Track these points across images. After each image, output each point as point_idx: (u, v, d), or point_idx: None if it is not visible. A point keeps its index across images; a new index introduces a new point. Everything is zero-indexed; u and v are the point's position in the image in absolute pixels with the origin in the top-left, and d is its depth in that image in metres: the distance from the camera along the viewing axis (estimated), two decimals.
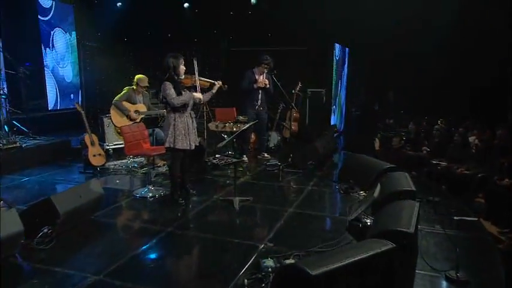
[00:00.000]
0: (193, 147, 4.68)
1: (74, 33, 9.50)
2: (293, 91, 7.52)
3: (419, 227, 3.71)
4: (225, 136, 5.62)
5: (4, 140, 5.91)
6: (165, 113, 6.19)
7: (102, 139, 6.96)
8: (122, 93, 6.19)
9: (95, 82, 9.75)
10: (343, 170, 5.93)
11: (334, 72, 8.98)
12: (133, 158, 6.43)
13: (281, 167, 5.94)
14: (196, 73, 4.71)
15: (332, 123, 8.68)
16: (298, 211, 4.55)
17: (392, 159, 6.02)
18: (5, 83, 7.64)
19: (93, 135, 6.03)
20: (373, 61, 9.87)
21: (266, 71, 6.61)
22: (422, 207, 4.37)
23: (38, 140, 6.78)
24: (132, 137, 5.05)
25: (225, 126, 5.96)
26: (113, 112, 6.14)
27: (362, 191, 5.09)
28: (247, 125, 4.72)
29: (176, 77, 4.52)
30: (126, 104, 6.16)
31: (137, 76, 6.28)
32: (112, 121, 6.12)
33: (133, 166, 6.29)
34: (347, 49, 10.09)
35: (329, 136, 7.51)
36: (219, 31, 10.26)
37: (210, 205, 4.77)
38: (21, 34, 8.19)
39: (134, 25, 10.00)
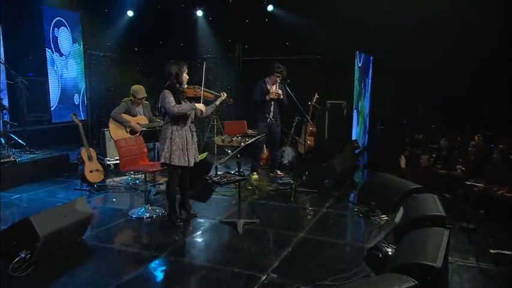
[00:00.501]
0: (192, 164, 4.47)
1: (80, 42, 9.56)
2: (309, 103, 7.26)
3: (450, 258, 3.35)
4: (229, 151, 5.38)
5: None
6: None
7: (103, 153, 6.84)
8: (120, 106, 6.07)
9: (102, 93, 9.73)
10: (363, 190, 5.59)
11: (356, 83, 8.69)
12: (134, 174, 6.25)
13: (293, 186, 5.65)
14: (203, 83, 4.51)
15: (353, 138, 8.34)
16: (309, 236, 4.24)
17: (421, 179, 5.65)
18: (4, 94, 7.69)
19: (91, 150, 5.89)
20: (401, 70, 9.51)
21: (279, 81, 6.39)
22: (454, 235, 4.01)
23: (36, 154, 6.70)
24: (129, 151, 4.87)
25: (232, 140, 5.74)
26: (112, 125, 6.00)
27: (384, 214, 4.74)
28: (251, 140, 4.47)
29: (178, 86, 4.35)
30: (125, 117, 6.02)
31: (133, 87, 6.15)
32: (111, 135, 5.98)
33: (135, 183, 6.11)
34: (371, 57, 9.78)
35: (349, 152, 7.18)
36: (234, 40, 10.14)
37: (211, 228, 4.51)
38: (24, 43, 8.26)
39: (145, 34, 10.01)
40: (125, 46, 10.22)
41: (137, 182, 6.12)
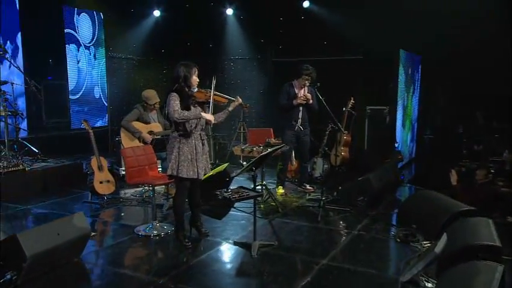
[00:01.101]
0: (202, 177, 4.27)
1: (103, 44, 9.69)
2: (344, 109, 6.89)
3: None
4: (244, 163, 5.11)
5: (5, 162, 5.87)
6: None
7: (119, 163, 6.79)
8: (131, 113, 5.99)
9: (124, 98, 9.77)
10: (403, 210, 5.17)
11: (401, 86, 8.22)
12: (148, 186, 6.13)
13: (322, 203, 5.31)
14: (213, 87, 4.32)
15: (397, 148, 7.87)
16: (334, 264, 3.90)
17: (475, 199, 5.17)
18: (22, 100, 7.85)
19: (101, 159, 5.82)
20: (456, 71, 8.92)
21: (308, 84, 6.09)
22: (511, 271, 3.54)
23: (48, 162, 6.74)
24: (136, 161, 4.74)
25: (252, 150, 5.48)
26: (123, 134, 5.93)
27: (426, 240, 4.32)
28: (267, 151, 4.17)
29: (187, 89, 4.18)
30: (137, 125, 5.93)
31: (143, 92, 6.08)
32: (122, 144, 5.89)
33: (149, 195, 5.97)
34: (419, 57, 9.26)
35: (390, 165, 6.74)
36: (266, 40, 9.90)
37: (222, 250, 4.27)
38: (44, 46, 8.40)
39: (172, 35, 9.97)
40: (151, 48, 10.25)
41: (151, 194, 5.97)
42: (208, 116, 4.22)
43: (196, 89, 4.27)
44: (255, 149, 5.45)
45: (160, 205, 5.52)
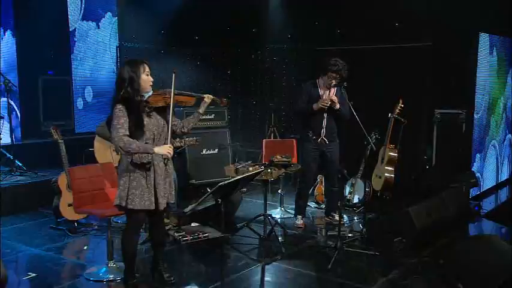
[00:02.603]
0: (162, 207, 3.90)
1: (114, 32, 9.65)
2: (389, 115, 6.19)
3: None
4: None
5: None
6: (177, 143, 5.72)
7: None
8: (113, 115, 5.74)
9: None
10: (452, 259, 4.43)
11: (482, 82, 7.31)
12: None
13: (339, 243, 4.72)
14: (173, 86, 3.92)
15: (473, 168, 6.97)
16: None
17: None
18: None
19: None
20: None
21: (334, 83, 5.51)
22: None
23: (25, 176, 6.72)
24: (89, 184, 4.45)
25: (247, 171, 4.99)
26: (98, 144, 5.72)
27: None
28: (235, 178, 3.64)
29: (136, 96, 3.81)
30: None
31: None
32: (96, 157, 5.68)
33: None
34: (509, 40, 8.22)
35: (455, 192, 5.95)
36: (318, 24, 9.20)
37: None
38: (44, 35, 8.45)
39: (199, 19, 9.54)
40: (177, 35, 9.86)
41: None
42: (165, 150, 3.80)
43: (150, 93, 3.90)
44: (251, 168, 4.95)
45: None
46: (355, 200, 6.40)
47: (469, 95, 7.24)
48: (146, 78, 3.87)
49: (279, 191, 6.35)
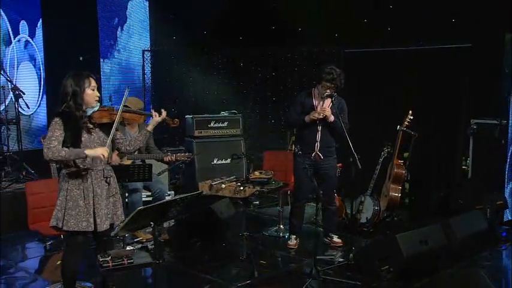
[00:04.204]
0: (103, 228, 3.76)
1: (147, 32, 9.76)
2: (398, 127, 5.75)
3: None
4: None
5: None
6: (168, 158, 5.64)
7: None
8: None
9: (164, 104, 9.55)
10: None
11: None
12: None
13: (313, 269, 4.41)
14: (123, 102, 3.83)
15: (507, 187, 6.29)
16: None
17: None
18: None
19: None
20: None
21: (328, 93, 5.19)
22: None
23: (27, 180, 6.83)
24: (45, 200, 4.45)
25: (221, 188, 4.79)
26: None
27: None
28: (156, 204, 3.41)
29: (78, 111, 3.75)
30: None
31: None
32: None
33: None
34: None
35: (469, 218, 5.42)
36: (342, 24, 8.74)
37: None
38: (73, 34, 8.63)
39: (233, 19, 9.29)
40: (204, 37, 9.66)
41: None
42: (97, 151, 3.70)
43: (95, 108, 3.81)
44: (224, 185, 4.74)
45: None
46: (363, 220, 5.96)
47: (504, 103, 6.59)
48: (91, 93, 3.76)
49: (278, 208, 6.08)
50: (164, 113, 4.02)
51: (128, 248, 3.96)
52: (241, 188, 4.73)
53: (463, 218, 5.33)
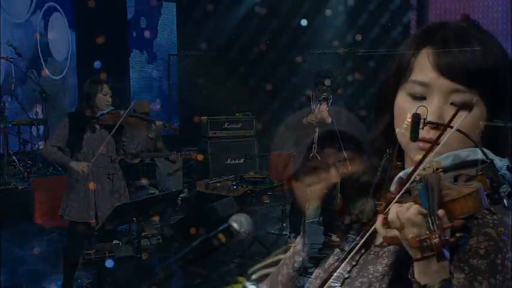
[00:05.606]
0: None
1: (174, 37, 10.10)
2: (397, 130, 5.80)
3: None
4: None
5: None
6: (173, 156, 5.98)
7: None
8: None
9: (191, 108, 9.28)
10: None
11: None
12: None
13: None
14: (129, 110, 4.40)
15: None
16: None
17: None
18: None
19: None
20: None
21: (325, 96, 5.38)
22: None
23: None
24: (52, 196, 4.84)
25: (216, 187, 5.07)
26: None
27: None
28: (145, 197, 3.72)
29: (89, 111, 4.22)
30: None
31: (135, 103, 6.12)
32: None
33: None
34: None
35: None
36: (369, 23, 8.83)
37: None
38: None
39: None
40: (232, 40, 9.89)
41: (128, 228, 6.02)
42: (79, 166, 4.08)
43: (105, 111, 4.24)
44: (218, 184, 5.02)
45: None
46: (365, 220, 6.10)
47: None
48: (102, 98, 4.23)
49: (282, 207, 6.30)
50: (159, 123, 4.48)
51: (114, 242, 4.28)
52: (235, 187, 4.99)
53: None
